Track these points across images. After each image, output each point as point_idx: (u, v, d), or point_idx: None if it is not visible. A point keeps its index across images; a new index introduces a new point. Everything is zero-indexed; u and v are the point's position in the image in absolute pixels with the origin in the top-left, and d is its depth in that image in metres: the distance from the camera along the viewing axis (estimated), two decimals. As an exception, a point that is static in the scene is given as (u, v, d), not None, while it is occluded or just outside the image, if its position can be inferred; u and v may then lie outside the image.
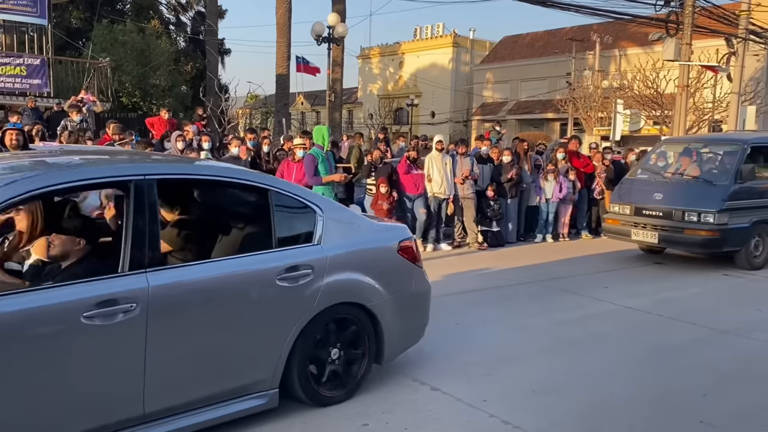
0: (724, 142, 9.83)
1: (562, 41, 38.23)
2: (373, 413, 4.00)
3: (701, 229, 8.29)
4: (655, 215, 8.78)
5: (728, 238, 8.36)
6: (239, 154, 9.17)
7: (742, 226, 8.46)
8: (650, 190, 9.07)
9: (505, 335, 5.70)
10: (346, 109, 45.57)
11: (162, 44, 25.64)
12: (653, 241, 8.82)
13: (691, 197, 8.59)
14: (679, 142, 11.09)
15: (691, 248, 8.84)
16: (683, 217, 8.46)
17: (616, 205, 9.45)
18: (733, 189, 8.41)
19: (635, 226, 8.99)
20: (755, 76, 25.95)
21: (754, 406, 4.27)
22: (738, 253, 8.66)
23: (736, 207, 8.37)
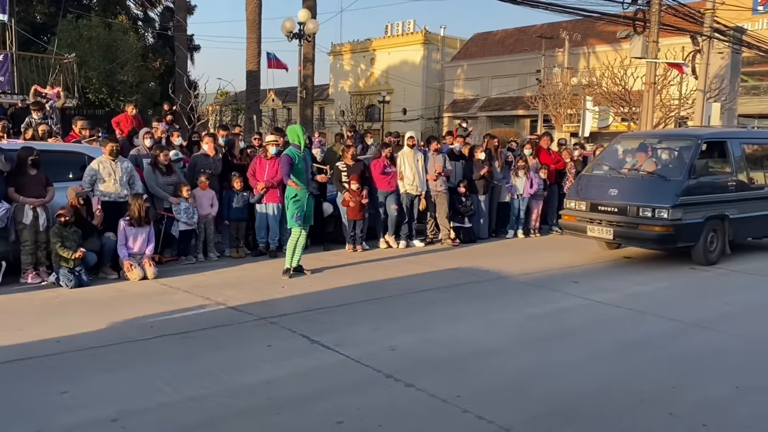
0: (678, 138, 9.82)
1: (532, 38, 38.51)
2: (348, 410, 3.99)
3: (656, 225, 8.24)
4: (611, 211, 8.70)
5: (683, 234, 8.35)
6: (208, 151, 9.04)
7: (697, 221, 8.43)
8: (606, 186, 9.00)
9: (477, 331, 5.73)
10: (317, 106, 45.38)
11: (129, 40, 25.20)
12: (608, 237, 8.73)
13: (646, 193, 8.55)
14: (634, 137, 10.98)
15: (646, 244, 8.78)
16: (638, 213, 8.41)
17: (572, 201, 9.36)
18: (687, 184, 8.37)
19: (591, 222, 8.90)
20: (720, 74, 26.41)
21: (723, 397, 4.34)
22: (693, 248, 8.64)
23: (690, 202, 8.35)
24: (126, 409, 3.95)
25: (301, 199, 7.61)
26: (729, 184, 8.95)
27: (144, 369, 4.62)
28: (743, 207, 9.01)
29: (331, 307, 6.36)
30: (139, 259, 7.50)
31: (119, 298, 6.67)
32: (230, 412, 3.94)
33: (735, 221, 8.91)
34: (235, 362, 4.79)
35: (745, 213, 9.03)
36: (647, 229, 8.29)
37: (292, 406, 4.04)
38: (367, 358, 4.91)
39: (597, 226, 8.80)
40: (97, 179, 7.64)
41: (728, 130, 11.31)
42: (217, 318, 5.93)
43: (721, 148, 9.23)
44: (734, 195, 8.94)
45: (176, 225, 8.22)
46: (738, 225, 8.99)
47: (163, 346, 5.15)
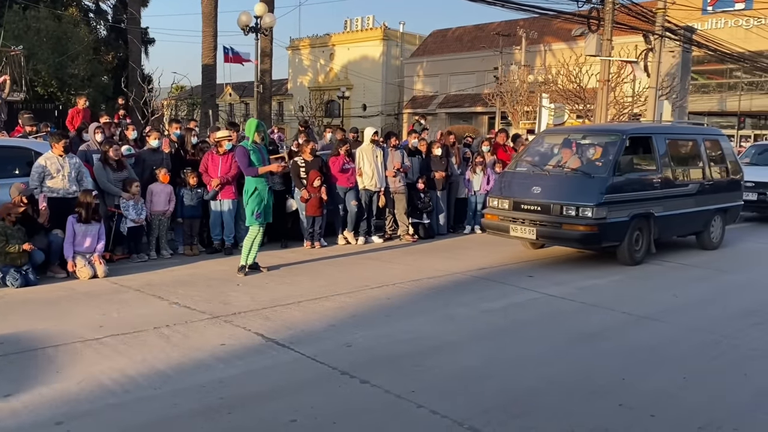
0: (602, 133, 9.47)
1: (490, 36, 38.92)
2: (302, 407, 3.95)
3: (580, 224, 7.91)
4: (534, 210, 8.31)
5: (607, 233, 8.05)
6: (161, 146, 8.87)
7: (622, 220, 8.14)
8: (529, 183, 8.61)
9: (433, 326, 5.74)
10: (275, 101, 44.97)
11: (81, 32, 24.58)
12: (531, 237, 8.37)
13: (570, 190, 8.24)
14: (559, 133, 10.56)
15: (570, 244, 8.49)
16: (562, 212, 8.07)
17: (494, 199, 8.91)
18: (611, 182, 8.07)
19: (514, 222, 8.48)
20: (671, 72, 27.09)
21: (671, 386, 4.44)
22: (619, 248, 8.36)
23: (615, 200, 8.06)
24: (72, 411, 3.84)
25: (261, 193, 7.48)
26: (654, 181, 8.70)
27: (92, 369, 4.50)
28: (669, 204, 8.84)
29: (286, 305, 6.30)
30: (89, 257, 7.31)
31: (68, 298, 6.49)
32: (181, 412, 3.87)
33: (660, 219, 8.73)
34: (186, 362, 4.71)
35: (670, 211, 8.88)
36: (571, 229, 7.97)
37: (245, 406, 3.98)
38: (322, 355, 4.87)
39: (520, 225, 8.42)
40: (45, 175, 7.41)
41: (653, 125, 11.16)
42: (169, 317, 5.82)
43: (646, 144, 8.99)
44: (659, 192, 8.71)
45: (125, 222, 8.04)
46: (663, 223, 8.82)
47: (113, 345, 5.02)
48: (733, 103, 33.86)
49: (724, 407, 4.13)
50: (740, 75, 34.57)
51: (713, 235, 9.90)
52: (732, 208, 10.35)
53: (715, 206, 9.77)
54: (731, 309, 6.50)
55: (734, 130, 34.86)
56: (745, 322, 6.03)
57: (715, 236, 9.96)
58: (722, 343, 5.43)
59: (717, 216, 9.90)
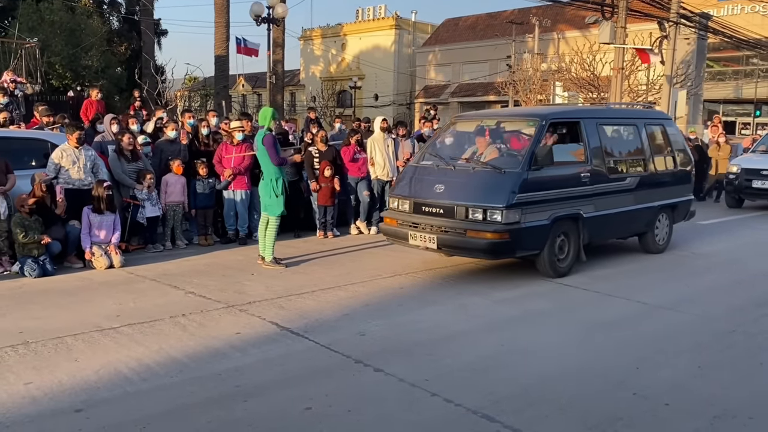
0: (519, 118, 8.11)
1: (503, 24, 38.65)
2: (316, 396, 3.99)
3: (487, 231, 6.51)
4: (436, 213, 6.93)
5: (522, 240, 6.69)
6: (178, 137, 8.92)
7: (540, 224, 6.80)
8: (432, 180, 7.17)
9: (447, 315, 5.76)
10: (288, 92, 45.06)
11: (94, 24, 24.68)
12: (432, 246, 6.93)
13: (477, 189, 6.83)
14: (471, 118, 8.94)
15: (476, 254, 6.92)
16: (467, 215, 6.70)
17: (394, 200, 7.52)
18: (526, 177, 6.68)
19: (414, 227, 7.07)
20: (686, 60, 26.83)
21: (686, 376, 4.44)
22: (538, 258, 7.02)
23: (531, 200, 6.71)
24: (91, 399, 3.90)
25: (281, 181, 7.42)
26: (583, 175, 7.32)
27: (110, 358, 4.56)
28: (601, 203, 7.49)
29: (300, 294, 6.34)
30: (105, 247, 7.39)
31: (85, 287, 6.57)
32: (197, 401, 3.92)
33: (591, 221, 7.37)
34: (202, 350, 4.76)
35: (603, 210, 7.53)
36: (477, 236, 6.57)
37: (260, 393, 4.03)
38: (336, 344, 4.91)
39: (420, 232, 6.98)
40: (61, 167, 7.49)
41: (582, 108, 9.66)
42: (184, 306, 5.88)
43: (572, 131, 7.68)
44: (589, 189, 7.35)
45: (142, 212, 8.11)
46: (595, 225, 7.46)
47: (129, 334, 5.08)
48: (750, 90, 33.47)
49: (739, 397, 4.12)
50: (757, 62, 34.13)
51: (658, 237, 8.59)
52: (681, 204, 8.92)
53: (660, 203, 8.43)
54: (746, 298, 6.47)
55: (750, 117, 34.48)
56: (760, 312, 6.00)
57: (661, 237, 8.64)
58: (737, 332, 5.40)
59: (662, 214, 8.58)
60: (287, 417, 3.74)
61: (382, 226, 7.78)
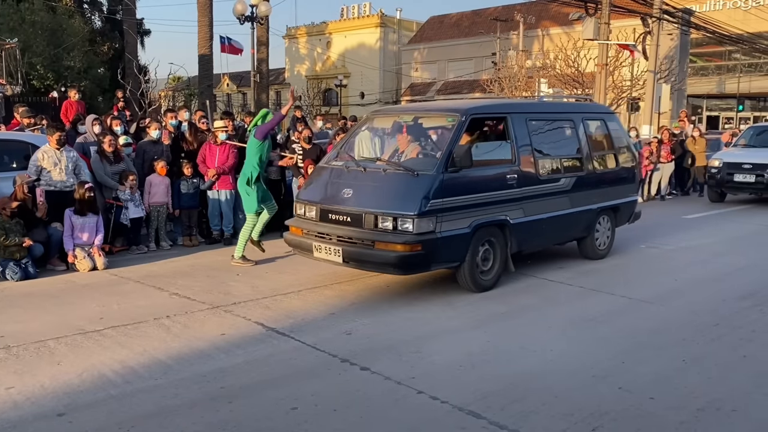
0: (437, 113, 7.21)
1: (487, 21, 38.77)
2: (302, 395, 3.97)
3: (396, 242, 5.70)
4: (343, 221, 6.13)
5: (437, 252, 5.90)
6: (161, 137, 8.85)
7: (460, 232, 6.04)
8: (341, 184, 6.41)
9: (433, 312, 5.76)
10: (273, 90, 44.83)
11: (75, 24, 24.44)
12: (337, 260, 6.11)
13: (388, 195, 6.06)
14: (388, 113, 8.18)
15: (385, 269, 6.02)
16: (376, 224, 5.89)
17: (300, 206, 6.68)
18: (442, 180, 5.92)
19: (319, 238, 6.29)
20: (669, 55, 27.02)
21: (670, 369, 4.47)
22: (458, 270, 6.26)
23: (449, 206, 5.94)
24: (74, 403, 3.86)
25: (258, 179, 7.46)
26: (510, 176, 6.59)
27: (93, 361, 4.51)
28: (532, 207, 6.80)
29: (286, 294, 6.32)
30: (89, 249, 7.32)
31: (68, 290, 6.50)
32: (182, 402, 3.89)
33: (520, 227, 6.65)
34: (187, 352, 4.73)
35: (534, 215, 6.84)
36: (385, 249, 5.77)
37: (246, 395, 4.00)
38: (322, 343, 4.89)
39: (325, 243, 6.19)
40: (42, 168, 7.41)
41: (509, 101, 8.69)
42: (169, 307, 5.83)
43: (498, 127, 7.15)
44: (518, 192, 6.63)
45: (125, 213, 8.04)
46: (525, 231, 6.75)
47: (113, 337, 5.04)
48: (732, 85, 33.78)
49: (722, 389, 4.15)
50: (739, 57, 34.45)
51: (599, 241, 7.90)
52: (624, 206, 8.26)
53: (600, 204, 7.75)
54: (729, 292, 6.52)
55: (733, 112, 34.81)
56: (742, 305, 6.05)
57: (602, 242, 7.97)
58: (721, 325, 5.45)
59: (603, 217, 7.92)
60: (273, 417, 3.72)
61: (287, 236, 6.81)
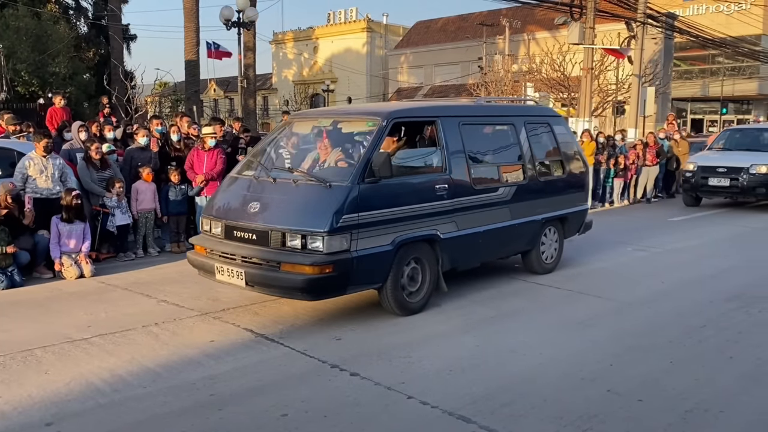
0: (357, 117, 6.49)
1: (473, 26, 38.94)
2: (292, 402, 3.97)
3: (305, 264, 5.06)
4: (248, 239, 5.46)
5: (353, 273, 5.26)
6: (149, 144, 8.80)
7: (381, 250, 5.40)
8: (249, 196, 5.73)
9: (421, 317, 5.76)
10: (260, 96, 44.82)
11: (61, 30, 24.27)
12: (240, 283, 5.44)
13: (297, 209, 5.39)
14: (308, 117, 7.39)
15: (293, 294, 5.38)
16: (283, 243, 5.24)
17: (206, 221, 5.99)
18: (358, 193, 5.27)
19: (222, 258, 5.62)
20: (654, 58, 27.26)
21: (658, 371, 4.50)
22: (381, 291, 5.62)
23: (366, 221, 5.29)
24: (61, 412, 3.83)
25: None
26: (440, 186, 5.94)
27: (81, 370, 4.48)
28: (466, 219, 6.18)
29: (275, 300, 6.28)
30: (75, 257, 7.27)
31: (55, 298, 6.45)
32: (171, 410, 3.87)
33: (452, 242, 6.04)
34: (176, 359, 4.70)
35: (469, 228, 6.21)
36: (292, 271, 5.12)
37: (236, 401, 3.99)
38: (312, 349, 4.89)
39: (228, 264, 5.52)
40: (28, 176, 7.35)
41: (439, 104, 7.59)
42: (157, 315, 5.80)
43: (428, 132, 6.65)
44: (449, 203, 5.98)
45: (112, 220, 7.99)
46: (458, 247, 6.16)
47: (101, 345, 5.00)
48: (716, 88, 34.15)
49: (710, 390, 4.19)
50: (722, 60, 34.84)
51: (545, 255, 7.34)
52: (572, 216, 7.67)
53: (546, 215, 7.19)
54: (715, 293, 6.58)
55: (717, 115, 35.16)
56: (729, 306, 6.11)
57: (548, 255, 7.40)
58: (707, 327, 5.50)
59: (549, 228, 7.36)
60: (263, 424, 3.71)
61: (190, 255, 6.13)
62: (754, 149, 13.26)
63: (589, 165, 12.62)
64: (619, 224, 11.32)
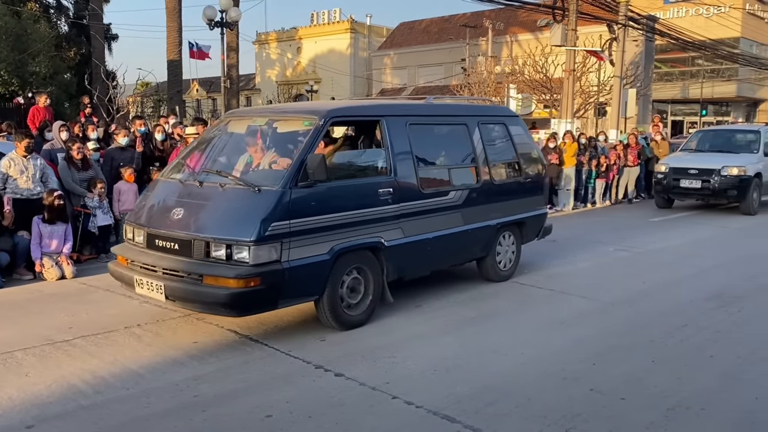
0: (294, 115, 6.05)
1: (457, 27, 39.04)
2: (276, 403, 3.96)
3: (229, 276, 4.63)
4: (170, 248, 5.01)
5: (284, 286, 4.83)
6: (129, 144, 8.73)
7: (317, 260, 4.99)
8: (173, 202, 5.28)
9: (405, 317, 5.77)
10: (243, 96, 44.60)
11: (41, 29, 24.00)
12: (160, 298, 4.98)
13: (223, 216, 4.98)
14: (244, 116, 6.64)
15: (217, 310, 4.92)
16: (207, 253, 4.80)
17: (129, 228, 5.50)
18: (289, 198, 4.85)
19: (143, 270, 5.13)
20: (635, 60, 27.50)
21: (640, 370, 4.55)
22: (318, 304, 5.24)
23: (300, 228, 4.88)
24: (42, 414, 3.79)
25: None
26: (384, 190, 5.55)
27: (63, 372, 4.44)
28: (413, 226, 5.81)
29: (259, 300, 6.27)
30: (57, 258, 7.19)
31: (35, 300, 6.38)
32: (154, 412, 3.84)
33: (398, 250, 5.67)
34: (159, 360, 4.67)
35: (416, 235, 5.85)
36: (215, 285, 4.68)
37: (220, 403, 3.97)
38: (296, 350, 4.88)
39: (148, 276, 5.03)
40: (8, 176, 7.27)
41: (384, 102, 7.28)
42: (140, 316, 5.75)
43: (369, 133, 6.33)
44: (394, 208, 5.61)
45: (94, 221, 7.92)
46: (405, 255, 5.78)
47: (83, 347, 4.96)
48: (696, 90, 34.53)
49: (691, 389, 4.24)
50: (702, 63, 35.23)
51: (501, 261, 6.99)
52: (530, 220, 7.34)
53: (501, 220, 6.84)
54: (696, 293, 6.66)
55: (697, 116, 35.57)
56: (709, 305, 6.19)
57: (505, 262, 7.04)
58: (688, 326, 5.56)
59: (506, 233, 7.01)
60: (248, 425, 3.70)
61: (111, 266, 5.63)
62: (726, 151, 13.24)
63: (571, 166, 12.93)
64: (601, 224, 11.42)
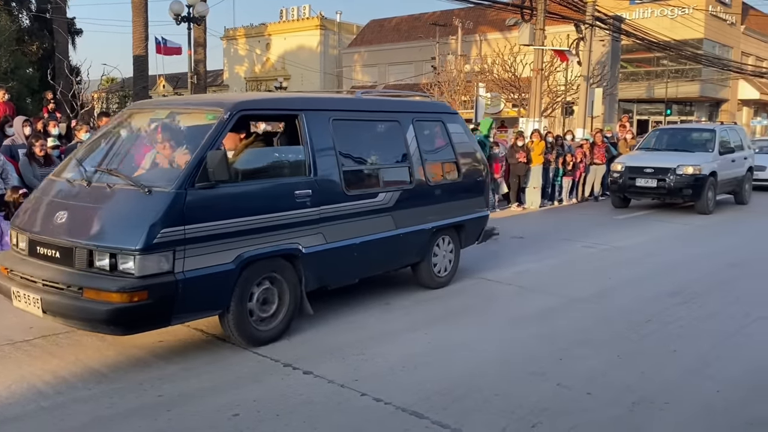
0: (197, 108, 5.43)
1: (426, 26, 39.19)
2: (244, 402, 3.91)
3: (110, 290, 4.11)
4: (52, 256, 4.48)
5: (179, 300, 4.30)
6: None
7: (219, 270, 4.50)
8: (58, 204, 4.70)
9: (374, 314, 5.77)
10: (211, 92, 44.09)
11: (1, 22, 23.43)
12: (37, 313, 4.42)
13: (109, 220, 4.45)
14: (145, 108, 5.93)
15: (98, 327, 4.35)
16: (90, 262, 4.26)
17: (14, 234, 4.92)
18: (183, 200, 4.32)
19: (23, 281, 4.58)
20: (601, 60, 27.88)
21: (606, 365, 4.60)
22: (222, 318, 4.75)
23: (196, 235, 4.36)
24: (1, 416, 3.70)
25: None
26: (301, 192, 5.08)
27: (23, 372, 4.33)
28: (336, 230, 5.36)
29: (226, 298, 6.20)
30: (17, 256, 7.01)
31: (-6, 299, 6.20)
32: (117, 412, 3.77)
33: (319, 257, 5.22)
34: (123, 360, 4.59)
35: (340, 240, 5.40)
36: (96, 299, 4.15)
37: (185, 402, 3.91)
38: (264, 348, 4.83)
39: (25, 289, 4.48)
40: (-34, 172, 7.07)
41: (304, 96, 6.45)
42: (104, 315, 5.64)
43: (289, 129, 5.68)
44: (313, 211, 5.14)
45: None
46: (327, 262, 5.35)
47: (43, 347, 4.84)
48: (661, 90, 35.16)
49: (655, 383, 4.30)
50: (667, 63, 35.87)
51: (438, 267, 6.59)
52: (470, 223, 6.95)
53: (437, 223, 6.44)
54: (659, 289, 6.77)
55: (662, 116, 36.22)
56: (672, 301, 6.30)
57: (441, 267, 6.65)
58: (652, 321, 5.65)
59: (443, 237, 6.62)
60: (214, 425, 3.65)
61: None
62: (681, 149, 13.29)
63: (538, 164, 13.04)
64: (567, 222, 11.56)
